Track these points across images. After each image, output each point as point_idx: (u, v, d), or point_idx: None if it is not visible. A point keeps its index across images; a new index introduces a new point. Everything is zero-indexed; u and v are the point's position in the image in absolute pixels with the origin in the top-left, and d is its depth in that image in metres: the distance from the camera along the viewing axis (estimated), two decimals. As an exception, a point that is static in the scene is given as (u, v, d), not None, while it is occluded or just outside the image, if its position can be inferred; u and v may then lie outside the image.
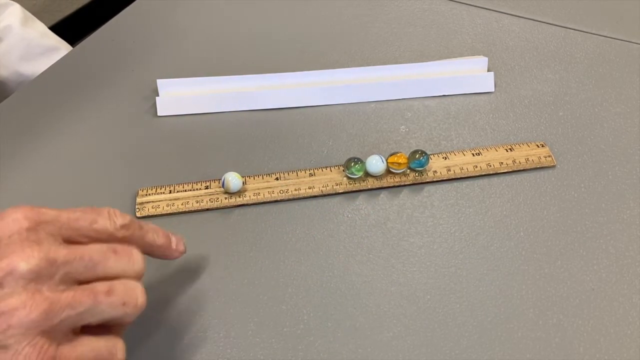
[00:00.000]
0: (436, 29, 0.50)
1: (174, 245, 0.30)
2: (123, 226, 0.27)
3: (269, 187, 0.38)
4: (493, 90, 0.44)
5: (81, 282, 0.24)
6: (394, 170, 0.38)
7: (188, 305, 0.32)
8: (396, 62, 0.47)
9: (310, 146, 0.41)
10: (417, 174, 0.38)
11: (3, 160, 0.41)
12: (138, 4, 0.56)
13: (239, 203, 0.37)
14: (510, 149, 0.39)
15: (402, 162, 0.37)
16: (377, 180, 0.38)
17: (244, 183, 0.38)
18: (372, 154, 0.37)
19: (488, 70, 0.45)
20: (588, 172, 0.38)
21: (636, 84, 0.44)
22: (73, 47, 0.54)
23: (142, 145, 0.42)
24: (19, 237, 0.23)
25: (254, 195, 0.37)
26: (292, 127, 0.42)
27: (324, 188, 0.38)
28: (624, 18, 0.50)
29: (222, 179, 0.37)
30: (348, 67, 0.46)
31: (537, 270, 0.33)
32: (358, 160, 0.37)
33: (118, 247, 0.26)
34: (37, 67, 0.60)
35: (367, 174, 0.38)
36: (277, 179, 0.38)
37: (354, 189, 0.38)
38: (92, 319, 0.25)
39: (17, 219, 0.24)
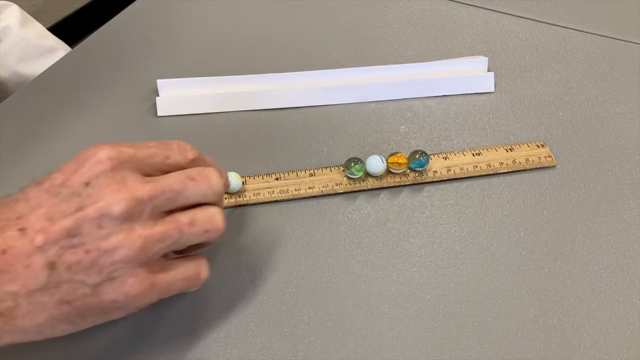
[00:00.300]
0: (436, 29, 0.50)
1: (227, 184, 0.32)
2: (193, 160, 0.29)
3: (269, 187, 0.38)
4: (493, 90, 0.44)
5: (169, 212, 0.27)
6: (394, 171, 0.38)
7: (188, 305, 0.32)
8: (396, 62, 0.47)
9: (310, 146, 0.41)
10: (417, 174, 0.38)
11: (3, 160, 0.41)
12: (138, 4, 0.56)
13: (239, 203, 0.37)
14: (510, 149, 0.39)
15: (402, 162, 0.37)
16: (377, 180, 0.38)
17: (244, 183, 0.38)
18: (372, 154, 0.37)
19: (488, 71, 0.45)
20: (588, 172, 0.38)
21: (636, 84, 0.44)
22: (73, 47, 0.54)
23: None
24: (105, 179, 0.25)
25: (254, 195, 0.37)
26: (292, 127, 0.42)
27: (324, 188, 0.38)
28: (624, 18, 0.50)
29: None
30: (348, 67, 0.46)
31: (537, 270, 0.33)
32: (358, 161, 0.37)
33: (194, 173, 0.28)
34: (35, 67, 0.61)
35: (367, 174, 0.38)
36: (277, 179, 0.38)
37: (354, 189, 0.38)
38: (180, 247, 0.28)
39: (101, 160, 0.26)
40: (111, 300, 0.26)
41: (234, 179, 0.36)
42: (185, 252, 0.31)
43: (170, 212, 0.27)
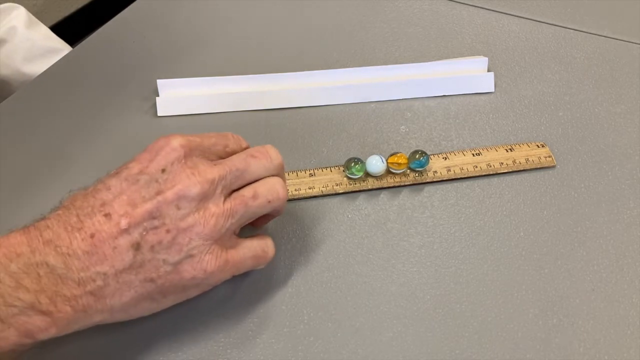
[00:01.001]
0: (436, 29, 0.50)
1: None
2: (247, 148, 0.32)
3: (269, 187, 0.38)
4: (493, 90, 0.44)
5: (234, 190, 0.30)
6: (394, 171, 0.38)
7: (188, 305, 0.32)
8: (396, 62, 0.47)
9: (310, 146, 0.41)
10: (417, 174, 0.38)
11: (3, 160, 0.41)
12: (138, 4, 0.56)
13: (239, 203, 0.37)
14: (510, 149, 0.39)
15: (402, 162, 0.37)
16: (377, 180, 0.38)
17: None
18: (372, 154, 0.37)
19: (488, 71, 0.45)
20: (588, 172, 0.38)
21: (636, 84, 0.44)
22: (73, 47, 0.54)
23: (142, 145, 0.41)
24: (179, 165, 0.28)
25: (254, 195, 0.37)
26: (292, 127, 0.42)
27: (324, 188, 0.38)
28: (624, 18, 0.50)
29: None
30: (348, 67, 0.46)
31: (537, 270, 0.33)
32: (358, 161, 0.37)
33: (254, 151, 0.31)
34: (39, 67, 0.61)
35: (367, 174, 0.38)
36: (277, 179, 0.38)
37: (354, 189, 0.38)
38: (248, 220, 0.30)
39: (175, 148, 0.29)
40: (191, 276, 0.28)
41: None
42: (258, 224, 0.34)
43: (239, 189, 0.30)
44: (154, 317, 0.32)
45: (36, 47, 0.64)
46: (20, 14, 0.65)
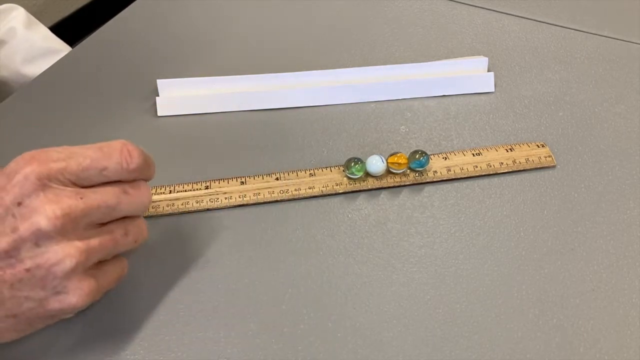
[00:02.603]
0: (436, 29, 0.50)
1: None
2: (135, 169, 0.28)
3: (269, 187, 0.38)
4: (493, 90, 0.44)
5: (101, 224, 0.28)
6: (394, 171, 0.38)
7: (188, 305, 0.32)
8: (396, 62, 0.47)
9: (310, 146, 0.41)
10: (417, 174, 0.38)
11: (3, 160, 0.41)
12: (138, 4, 0.56)
13: (239, 203, 0.37)
14: (510, 149, 0.39)
15: (402, 162, 0.37)
16: (377, 180, 0.38)
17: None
18: (372, 154, 0.37)
19: (488, 71, 0.45)
20: (588, 172, 0.38)
21: (636, 84, 0.44)
22: (73, 47, 0.54)
23: (142, 145, 0.41)
24: (36, 198, 0.25)
25: (254, 195, 0.37)
26: (292, 127, 0.42)
27: (324, 188, 0.38)
28: (624, 18, 0.50)
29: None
30: (348, 67, 0.46)
31: (537, 270, 0.33)
32: (358, 161, 0.37)
33: (128, 187, 0.28)
34: (39, 68, 0.61)
35: (367, 174, 0.38)
36: (277, 179, 0.38)
37: (354, 189, 0.38)
38: (112, 255, 0.29)
39: (27, 176, 0.25)
40: (58, 310, 0.27)
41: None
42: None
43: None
44: (153, 317, 0.32)
45: (35, 48, 0.64)
46: (19, 14, 0.65)
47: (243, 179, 0.38)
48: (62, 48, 0.66)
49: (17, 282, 0.25)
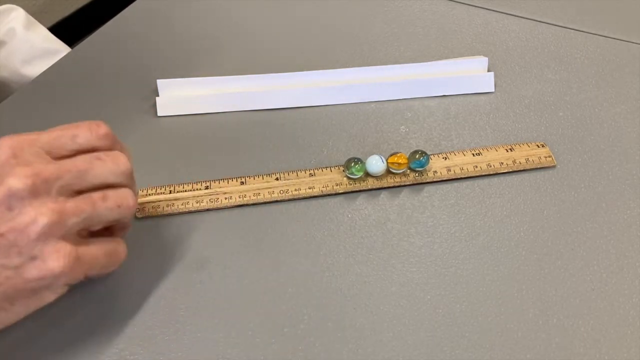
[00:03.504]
0: (436, 29, 0.50)
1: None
2: (105, 135, 0.29)
3: (269, 187, 0.38)
4: (493, 90, 0.44)
5: (78, 193, 0.27)
6: (394, 171, 0.38)
7: (188, 305, 0.32)
8: (396, 62, 0.47)
9: (310, 146, 0.41)
10: (417, 174, 0.38)
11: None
12: (138, 4, 0.56)
13: (239, 203, 0.37)
14: (510, 149, 0.39)
15: (402, 162, 0.37)
16: (377, 180, 0.38)
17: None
18: (372, 154, 0.37)
19: (488, 71, 0.45)
20: (588, 172, 0.38)
21: (636, 84, 0.44)
22: (73, 47, 0.55)
23: (142, 145, 0.42)
24: (8, 165, 0.26)
25: (254, 195, 0.37)
26: (292, 127, 0.42)
27: (324, 188, 0.38)
28: (624, 18, 0.50)
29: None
30: (348, 67, 0.46)
31: (537, 270, 0.33)
32: (358, 161, 0.37)
33: (101, 154, 0.29)
34: (38, 69, 0.61)
35: (367, 174, 0.38)
36: (277, 179, 0.38)
37: (354, 189, 0.38)
38: (96, 222, 0.28)
39: (2, 148, 0.26)
40: (37, 278, 0.26)
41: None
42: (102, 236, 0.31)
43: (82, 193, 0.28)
44: (153, 317, 0.32)
45: (35, 49, 0.64)
46: (19, 15, 0.65)
47: (243, 179, 0.38)
48: (61, 49, 0.66)
49: None
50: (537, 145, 0.39)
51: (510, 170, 0.38)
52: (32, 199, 0.25)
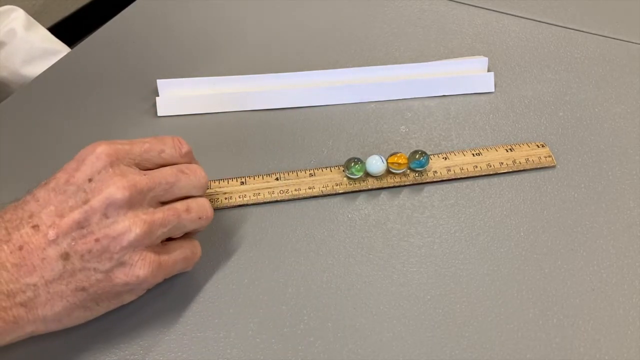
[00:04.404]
0: (436, 29, 0.50)
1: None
2: (186, 153, 0.32)
3: (269, 187, 0.38)
4: (493, 90, 0.44)
5: (163, 203, 0.30)
6: (394, 171, 0.38)
7: (188, 305, 0.32)
8: (396, 62, 0.47)
9: (310, 146, 0.41)
10: (417, 174, 0.38)
11: (3, 160, 0.41)
12: (138, 4, 0.56)
13: (239, 203, 0.37)
14: (510, 149, 0.39)
15: (402, 162, 0.37)
16: (377, 180, 0.38)
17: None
18: (372, 154, 0.37)
19: (488, 71, 0.45)
20: (588, 172, 0.38)
21: (636, 84, 0.44)
22: (73, 48, 0.55)
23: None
24: (106, 174, 0.28)
25: (254, 195, 0.37)
26: (292, 127, 0.42)
27: (324, 188, 0.38)
28: (624, 18, 0.50)
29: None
30: (348, 67, 0.46)
31: (537, 270, 0.33)
32: (358, 161, 0.37)
33: (184, 167, 0.31)
34: (38, 69, 0.61)
35: (367, 174, 0.38)
36: (277, 179, 0.38)
37: (354, 189, 0.38)
38: (178, 232, 0.30)
39: (99, 156, 0.28)
40: (123, 283, 0.28)
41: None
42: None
43: (165, 203, 0.30)
44: (153, 317, 0.32)
45: (35, 49, 0.64)
46: (19, 16, 0.65)
47: (243, 179, 0.38)
48: (61, 49, 0.66)
49: (86, 253, 0.27)
50: (537, 145, 0.39)
51: (510, 170, 0.38)
52: (127, 209, 0.28)
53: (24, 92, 0.47)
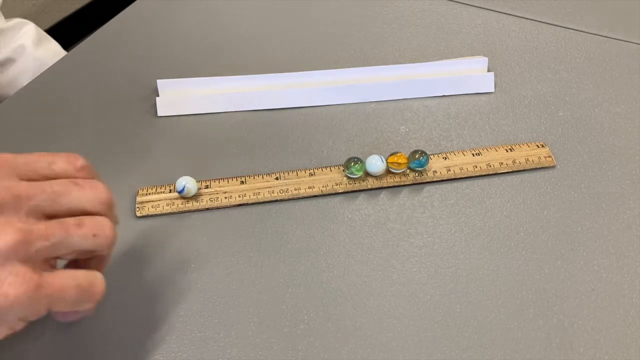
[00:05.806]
0: (436, 29, 0.50)
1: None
2: (82, 167, 0.27)
3: (269, 187, 0.38)
4: (493, 90, 0.44)
5: (51, 217, 0.25)
6: (393, 170, 0.38)
7: (188, 305, 0.32)
8: (396, 62, 0.47)
9: (310, 146, 0.41)
10: (417, 174, 0.38)
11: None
12: (138, 4, 0.56)
13: (239, 203, 0.37)
14: (510, 149, 0.39)
15: (402, 162, 0.37)
16: (377, 180, 0.38)
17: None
18: (372, 154, 0.37)
19: (488, 71, 0.45)
20: (588, 172, 0.38)
21: (636, 84, 0.44)
22: (73, 48, 0.54)
23: (142, 145, 0.42)
24: None
25: (254, 195, 0.37)
26: (292, 127, 0.42)
27: (324, 188, 0.38)
28: (624, 18, 0.50)
29: (181, 186, 0.36)
30: (348, 67, 0.46)
31: (537, 270, 0.33)
32: (358, 160, 0.37)
33: (79, 180, 0.26)
34: None
35: (367, 174, 0.38)
36: (277, 178, 0.38)
37: (354, 189, 0.38)
38: (67, 251, 0.25)
39: None
40: None
41: (190, 183, 0.36)
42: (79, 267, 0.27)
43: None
44: (153, 317, 0.32)
45: (44, 67, 0.63)
46: (29, 30, 0.63)
47: (243, 179, 0.38)
48: None
49: None
50: (537, 146, 0.39)
51: (510, 170, 0.38)
52: None
53: (23, 92, 0.47)
